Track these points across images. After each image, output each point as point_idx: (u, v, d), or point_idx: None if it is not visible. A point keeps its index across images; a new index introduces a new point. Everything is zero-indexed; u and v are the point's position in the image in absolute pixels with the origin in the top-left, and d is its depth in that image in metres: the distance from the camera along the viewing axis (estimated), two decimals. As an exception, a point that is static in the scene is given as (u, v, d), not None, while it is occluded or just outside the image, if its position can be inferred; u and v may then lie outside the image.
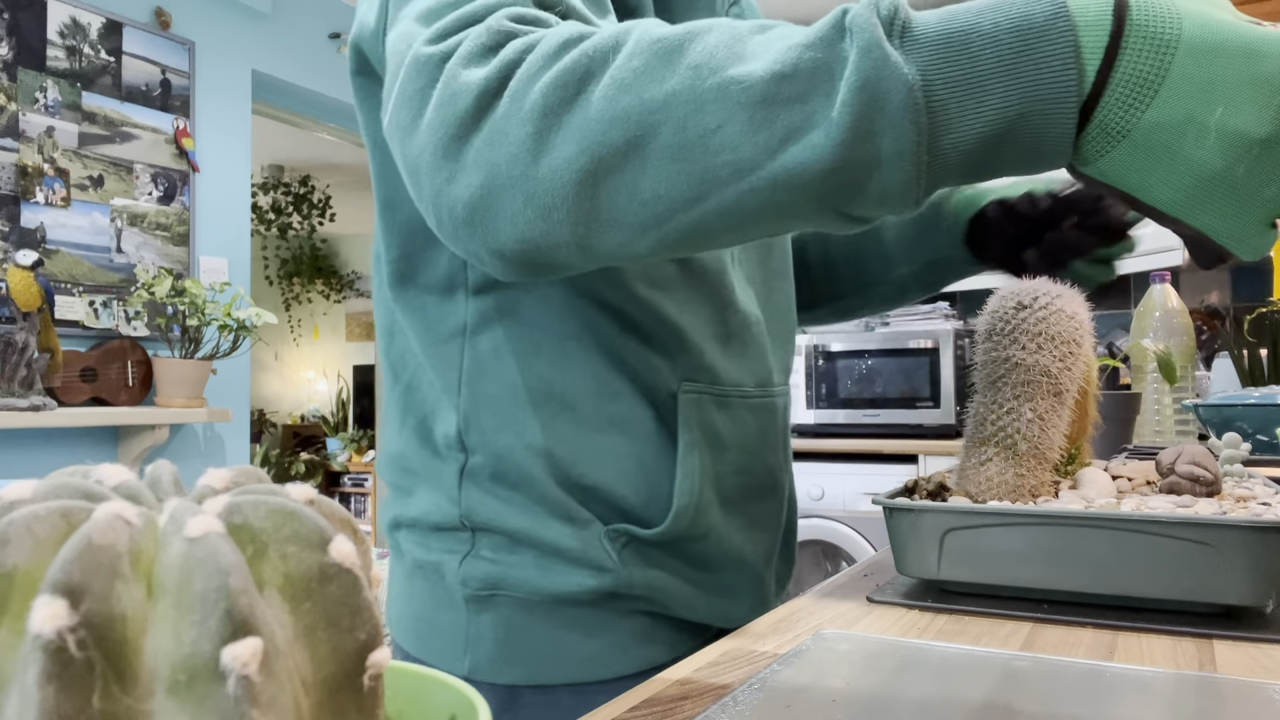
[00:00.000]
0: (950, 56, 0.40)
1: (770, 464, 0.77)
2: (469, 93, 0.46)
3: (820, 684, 0.47)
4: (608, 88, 0.44)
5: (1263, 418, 1.42)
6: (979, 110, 0.40)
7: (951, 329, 2.98)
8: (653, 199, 0.44)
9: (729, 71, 0.42)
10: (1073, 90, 0.39)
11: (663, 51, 0.44)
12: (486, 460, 0.67)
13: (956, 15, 0.41)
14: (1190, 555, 0.57)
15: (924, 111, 0.40)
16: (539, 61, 0.45)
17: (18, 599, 0.19)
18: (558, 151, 0.44)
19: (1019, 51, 0.39)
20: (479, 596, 0.67)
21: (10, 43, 2.51)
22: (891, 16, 0.41)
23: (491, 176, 0.45)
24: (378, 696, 0.23)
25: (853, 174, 0.41)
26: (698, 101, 0.42)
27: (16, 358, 2.34)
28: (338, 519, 0.24)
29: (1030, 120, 0.39)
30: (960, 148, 0.40)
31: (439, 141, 0.46)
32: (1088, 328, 0.70)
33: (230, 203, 3.09)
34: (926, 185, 0.42)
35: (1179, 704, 0.44)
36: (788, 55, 0.42)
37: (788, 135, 0.41)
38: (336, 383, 6.74)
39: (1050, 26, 0.39)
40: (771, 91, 0.41)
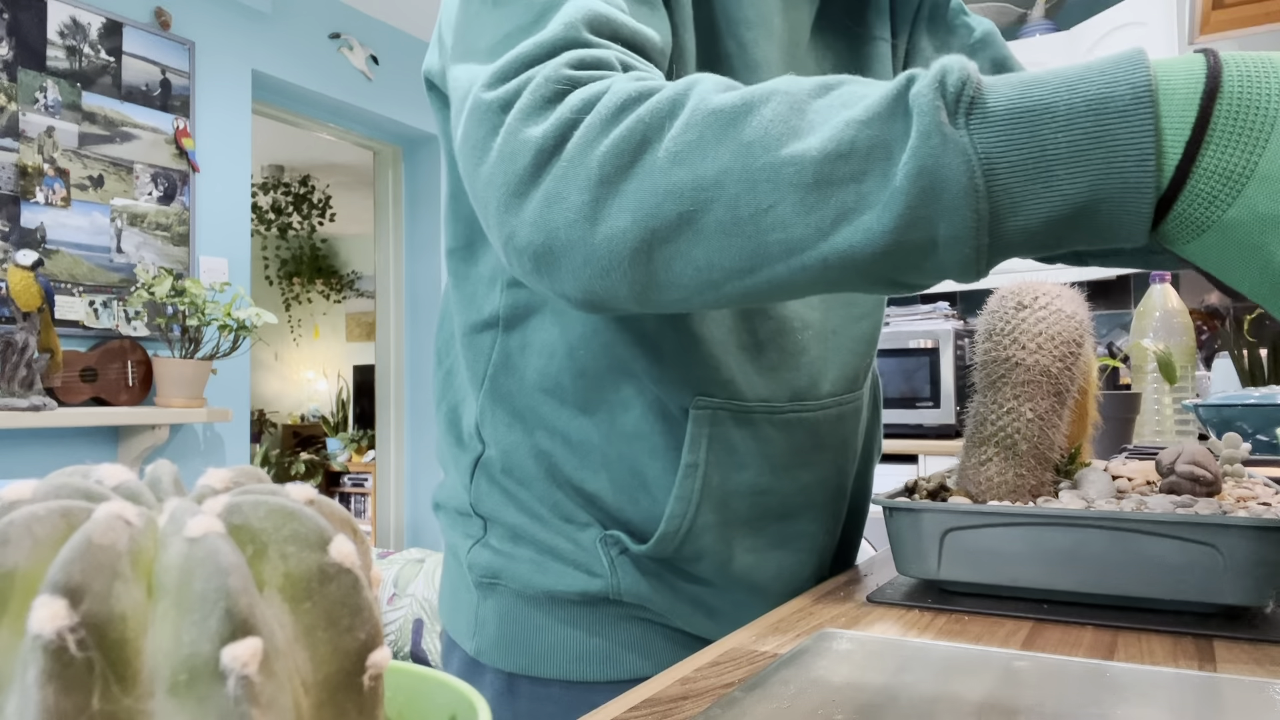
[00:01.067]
0: (1019, 138, 0.38)
1: (805, 483, 0.71)
2: (527, 151, 0.47)
3: (820, 684, 0.47)
4: (663, 159, 0.44)
5: (1263, 418, 1.42)
6: (1047, 195, 0.38)
7: (951, 329, 2.98)
8: (706, 267, 0.44)
9: (783, 150, 0.41)
10: (1149, 182, 0.36)
11: (718, 124, 0.43)
12: (498, 455, 0.69)
13: (1031, 90, 0.39)
14: (1190, 555, 0.57)
15: (985, 197, 0.38)
16: (597, 126, 0.45)
17: (18, 599, 0.19)
18: (614, 220, 0.45)
19: (1094, 137, 0.37)
20: (483, 583, 0.70)
21: (10, 43, 2.51)
22: (959, 92, 0.39)
23: (551, 237, 0.47)
24: (378, 696, 0.23)
25: (906, 257, 0.41)
26: (750, 180, 0.42)
27: (16, 358, 2.34)
28: (338, 519, 0.24)
29: (1102, 207, 0.37)
30: (1025, 230, 0.39)
31: (501, 196, 0.48)
32: (1088, 328, 0.70)
33: (230, 203, 3.09)
34: (988, 262, 0.40)
35: (1179, 704, 0.44)
36: (844, 133, 0.41)
37: (840, 217, 0.41)
38: (336, 383, 6.74)
39: (1131, 111, 0.36)
40: (825, 172, 0.41)
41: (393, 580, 2.67)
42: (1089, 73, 0.38)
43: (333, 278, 6.74)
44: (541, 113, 0.47)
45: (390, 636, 2.55)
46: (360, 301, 6.74)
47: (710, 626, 0.70)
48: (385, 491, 4.06)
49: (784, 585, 0.73)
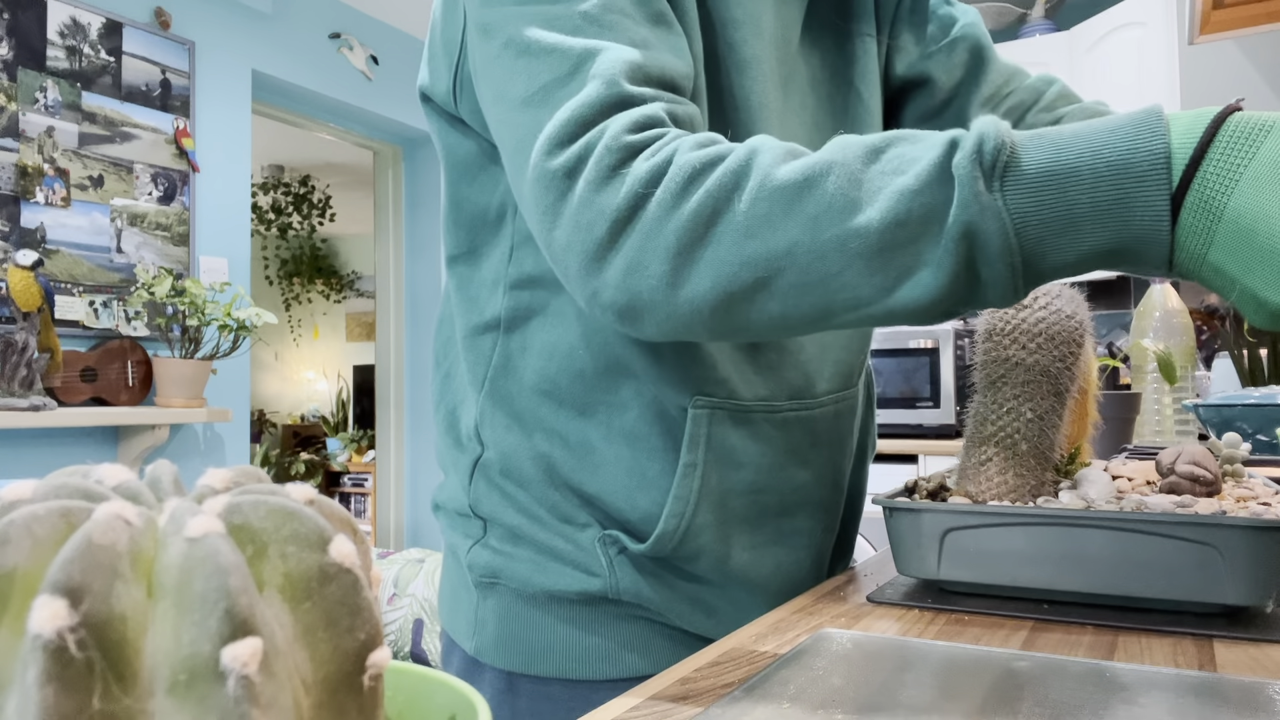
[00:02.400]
0: (1048, 199, 0.44)
1: (801, 481, 0.73)
2: (603, 221, 0.51)
3: (820, 684, 0.47)
4: (736, 232, 0.49)
5: (1263, 418, 1.42)
6: (1073, 246, 0.44)
7: (951, 329, 2.98)
8: (781, 318, 0.50)
9: (847, 224, 0.47)
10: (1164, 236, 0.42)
11: (784, 199, 0.48)
12: (496, 456, 0.70)
13: (1060, 153, 0.44)
14: (1190, 555, 0.57)
15: (1017, 251, 0.45)
16: (668, 201, 0.50)
17: (18, 599, 0.19)
18: (693, 285, 0.50)
19: (1115, 199, 0.43)
20: (483, 583, 0.71)
21: (10, 43, 2.51)
22: (994, 159, 0.44)
23: (635, 299, 0.52)
24: (378, 696, 0.23)
25: (956, 301, 0.47)
26: (819, 252, 0.48)
27: (16, 358, 2.34)
28: (338, 519, 0.24)
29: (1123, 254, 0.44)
30: (1055, 269, 0.45)
31: (581, 261, 0.52)
32: (1088, 328, 0.70)
33: (230, 203, 3.09)
34: (1023, 294, 0.47)
35: (1179, 704, 0.44)
36: (900, 203, 0.46)
37: (900, 276, 0.47)
38: (336, 383, 6.74)
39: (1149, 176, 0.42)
40: (887, 240, 0.46)
41: (393, 580, 2.67)
42: (1112, 138, 0.43)
43: (333, 278, 6.74)
44: (609, 182, 0.51)
45: (390, 636, 2.54)
46: (360, 301, 6.74)
47: (708, 624, 0.70)
48: (385, 491, 4.06)
49: (782, 582, 0.73)
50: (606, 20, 0.55)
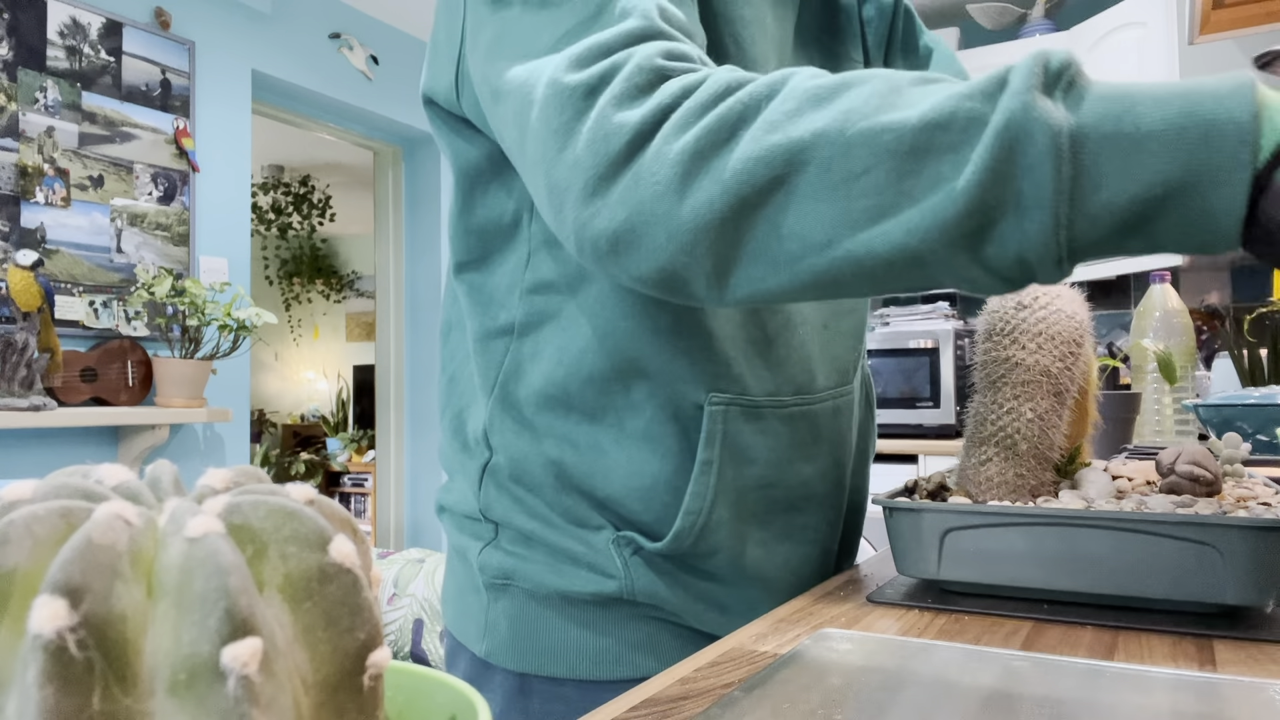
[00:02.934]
0: (1113, 112, 0.39)
1: (806, 476, 0.73)
2: (623, 134, 0.46)
3: (820, 684, 0.47)
4: (758, 130, 0.44)
5: (1263, 418, 1.42)
6: (1137, 171, 0.38)
7: (951, 329, 2.98)
8: (791, 235, 0.44)
9: (881, 118, 0.42)
10: (1246, 159, 0.36)
11: (816, 96, 0.44)
12: (506, 461, 0.69)
13: (1128, 85, 0.40)
14: (1190, 555, 0.57)
15: (1068, 160, 0.39)
16: (695, 109, 0.46)
17: (18, 599, 0.19)
18: (703, 191, 0.45)
19: (1189, 114, 0.37)
20: (495, 584, 0.70)
21: (10, 43, 2.51)
22: (1061, 70, 0.40)
23: (635, 213, 0.47)
24: (378, 696, 0.23)
25: (988, 216, 0.40)
26: (845, 144, 0.43)
27: (16, 358, 2.34)
28: (338, 519, 0.24)
29: (1194, 190, 0.37)
30: (1111, 208, 0.39)
31: (588, 179, 0.48)
32: (1088, 328, 0.70)
33: (230, 203, 3.09)
34: (1069, 243, 0.40)
35: (1179, 704, 0.44)
36: (945, 104, 0.41)
37: (930, 182, 0.41)
38: (336, 383, 6.74)
39: (1228, 92, 0.37)
40: (923, 141, 0.41)
41: (393, 580, 2.67)
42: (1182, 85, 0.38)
43: (333, 278, 6.74)
44: (638, 98, 0.47)
45: (390, 636, 2.55)
46: (360, 301, 6.74)
47: (722, 622, 0.70)
48: (385, 491, 4.06)
49: (792, 578, 0.74)
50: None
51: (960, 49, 3.39)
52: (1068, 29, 3.17)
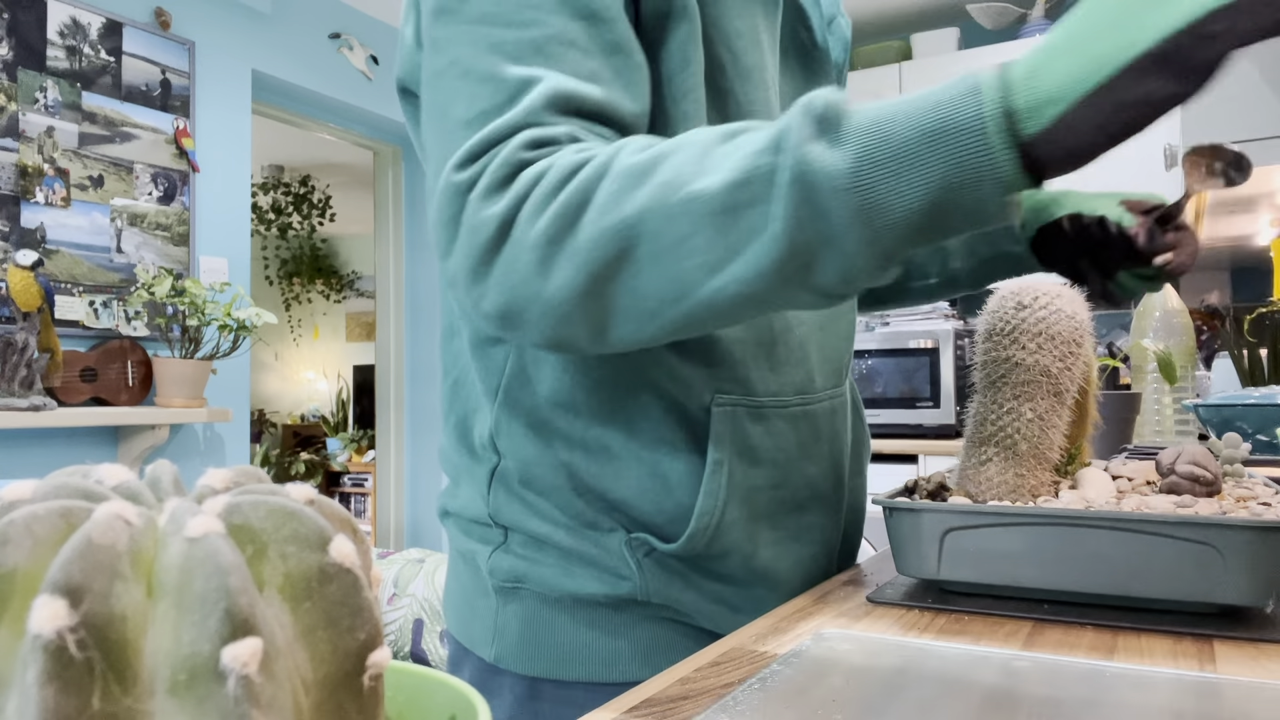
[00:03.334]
0: (875, 143, 0.45)
1: (811, 476, 0.74)
2: (489, 227, 0.53)
3: (820, 684, 0.47)
4: (594, 212, 0.51)
5: (1263, 418, 1.42)
6: (907, 188, 0.44)
7: (951, 329, 2.98)
8: (648, 294, 0.51)
9: (692, 186, 0.48)
10: (1002, 149, 0.43)
11: (636, 174, 0.50)
12: (515, 465, 0.69)
13: (886, 106, 0.46)
14: (1190, 555, 0.57)
15: (851, 193, 0.45)
16: (541, 200, 0.52)
17: (18, 599, 0.19)
18: (562, 272, 0.52)
19: (942, 134, 0.43)
20: (505, 588, 0.70)
21: (10, 43, 2.51)
22: (822, 114, 0.46)
23: (511, 296, 0.53)
24: (378, 696, 0.23)
25: (804, 259, 0.47)
26: (668, 215, 0.49)
27: (16, 358, 2.34)
28: (338, 519, 0.24)
29: (962, 188, 0.44)
30: (904, 218, 0.45)
31: (467, 268, 0.54)
32: (1088, 328, 0.70)
33: (230, 203, 3.09)
34: (882, 253, 0.46)
35: (1179, 704, 0.44)
36: (742, 163, 0.48)
37: (747, 234, 0.47)
38: (336, 383, 6.74)
39: (965, 100, 0.43)
40: (730, 200, 0.48)
41: (393, 580, 2.67)
42: (927, 94, 0.45)
43: (333, 278, 6.74)
44: (498, 193, 0.53)
45: (390, 636, 2.55)
46: (360, 301, 6.74)
47: (732, 622, 0.70)
48: (385, 491, 4.06)
49: (801, 577, 0.74)
50: (553, 51, 0.57)
51: (960, 49, 3.39)
52: (1068, 29, 3.17)
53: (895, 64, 3.39)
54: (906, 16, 3.63)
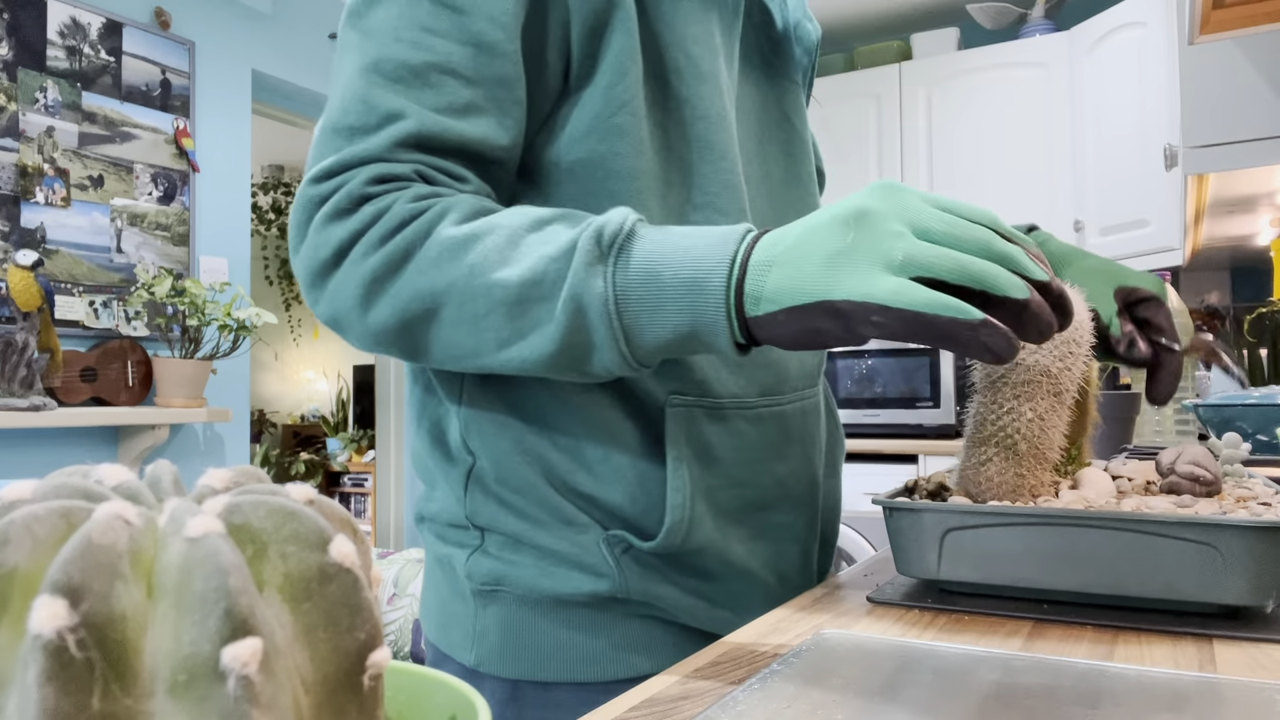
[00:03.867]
0: (644, 281, 0.53)
1: (780, 475, 0.74)
2: (326, 248, 0.60)
3: (820, 684, 0.47)
4: (413, 271, 0.58)
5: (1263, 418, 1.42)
6: (663, 326, 0.53)
7: (951, 329, 2.97)
8: (449, 345, 0.59)
9: (495, 274, 0.56)
10: (723, 321, 0.51)
11: (453, 248, 0.57)
12: (490, 464, 0.69)
13: (665, 244, 0.53)
14: (1190, 555, 0.57)
15: (617, 317, 0.53)
16: (372, 243, 0.59)
17: (18, 599, 0.19)
18: (379, 310, 0.59)
19: (690, 291, 0.52)
20: (484, 591, 0.69)
21: (10, 43, 2.51)
22: (613, 240, 0.54)
23: (336, 316, 0.61)
24: (378, 696, 0.23)
25: (575, 355, 0.55)
26: (471, 292, 0.56)
27: (16, 358, 2.34)
28: (338, 519, 0.24)
29: (700, 333, 0.52)
30: (655, 344, 0.54)
31: (309, 274, 0.61)
32: (1088, 328, 0.70)
33: (230, 203, 3.09)
34: (641, 362, 0.55)
35: (1179, 704, 0.44)
36: (538, 265, 0.55)
37: (533, 325, 0.56)
38: (336, 383, 6.74)
39: (712, 273, 0.51)
40: (524, 294, 0.55)
41: (393, 580, 2.67)
42: (699, 240, 0.53)
43: (333, 278, 6.72)
44: (341, 218, 0.59)
45: (390, 636, 2.55)
46: (360, 301, 6.72)
47: (711, 618, 0.70)
48: (385, 491, 4.06)
49: (777, 574, 0.75)
50: (431, 79, 0.61)
51: (960, 49, 3.39)
52: (1068, 29, 3.17)
53: (895, 64, 3.39)
54: (906, 16, 3.63)
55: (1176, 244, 2.64)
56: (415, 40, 0.60)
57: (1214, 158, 2.28)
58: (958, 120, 3.25)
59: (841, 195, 3.44)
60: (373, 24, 0.62)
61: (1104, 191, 2.93)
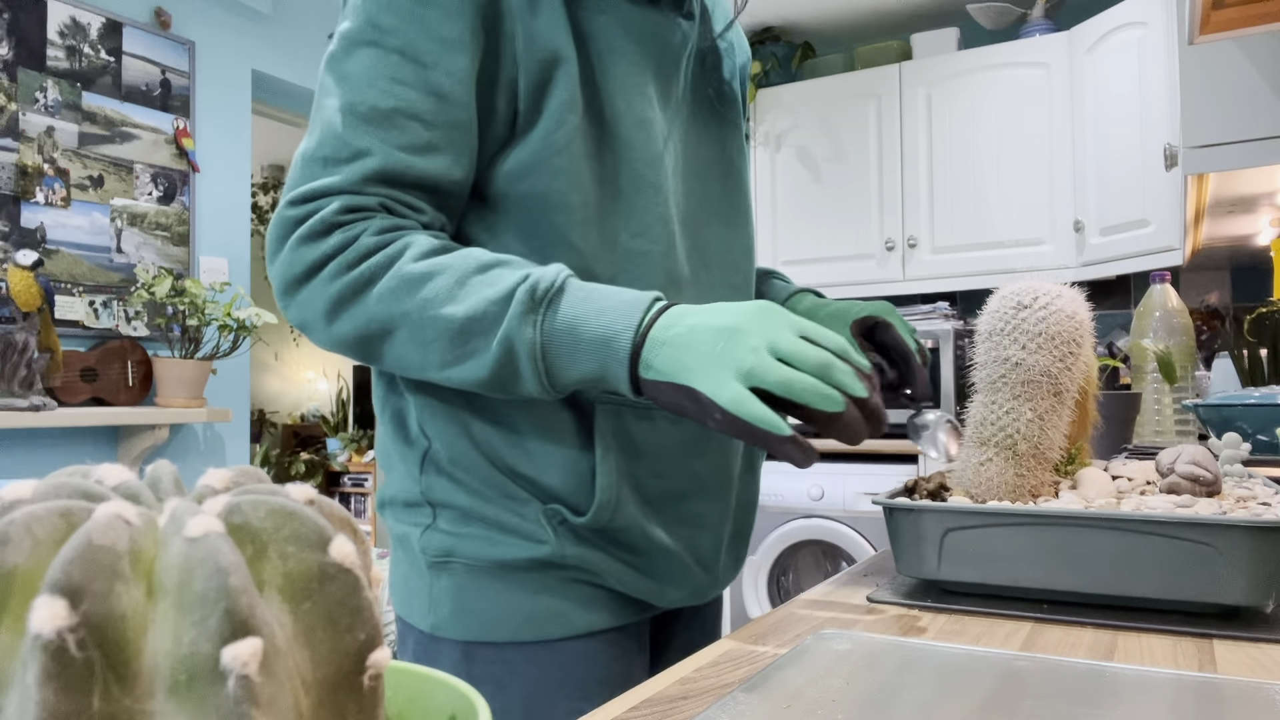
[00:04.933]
0: (565, 334, 0.66)
1: (697, 470, 0.81)
2: (299, 265, 0.70)
3: (820, 684, 0.47)
4: (374, 298, 0.69)
5: (1263, 418, 1.42)
6: (577, 369, 0.66)
7: (951, 329, 2.98)
8: (399, 359, 0.70)
9: (444, 309, 0.67)
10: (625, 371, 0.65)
11: (410, 282, 0.68)
12: (443, 447, 0.78)
13: (586, 302, 0.66)
14: (1190, 555, 0.57)
15: (541, 359, 0.66)
16: (341, 266, 0.69)
17: (18, 599, 0.19)
18: (341, 326, 0.70)
19: (601, 347, 0.65)
20: (437, 563, 0.78)
21: (10, 43, 2.51)
22: (546, 293, 0.66)
23: (305, 322, 0.72)
24: (378, 696, 0.23)
25: (504, 381, 0.68)
26: (422, 321, 0.68)
27: (16, 358, 2.34)
28: (338, 519, 0.24)
29: (606, 376, 0.66)
30: (569, 382, 0.67)
31: (281, 285, 0.71)
32: (1088, 328, 0.70)
33: (230, 203, 3.09)
34: (558, 393, 0.68)
35: (1179, 704, 0.44)
36: (478, 305, 0.66)
37: (471, 353, 0.67)
38: (336, 383, 6.74)
39: (619, 336, 0.64)
40: (466, 328, 0.67)
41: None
42: (614, 304, 0.65)
43: (333, 278, 6.72)
44: (314, 240, 0.69)
45: (390, 636, 2.54)
46: (360, 301, 6.71)
47: (640, 584, 0.78)
48: (385, 491, 4.06)
49: (693, 555, 0.82)
50: (398, 122, 0.71)
51: (960, 49, 3.39)
52: (1068, 29, 3.17)
53: (895, 64, 3.39)
54: (906, 16, 3.63)
55: (1176, 244, 2.64)
56: (385, 89, 0.71)
57: (1214, 158, 2.28)
58: (958, 120, 3.25)
59: (842, 194, 3.45)
60: (349, 70, 0.72)
61: (1104, 191, 2.93)
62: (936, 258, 3.25)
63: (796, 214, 3.51)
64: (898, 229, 3.32)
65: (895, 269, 3.32)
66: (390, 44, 0.72)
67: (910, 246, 3.29)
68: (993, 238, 3.16)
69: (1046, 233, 3.09)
